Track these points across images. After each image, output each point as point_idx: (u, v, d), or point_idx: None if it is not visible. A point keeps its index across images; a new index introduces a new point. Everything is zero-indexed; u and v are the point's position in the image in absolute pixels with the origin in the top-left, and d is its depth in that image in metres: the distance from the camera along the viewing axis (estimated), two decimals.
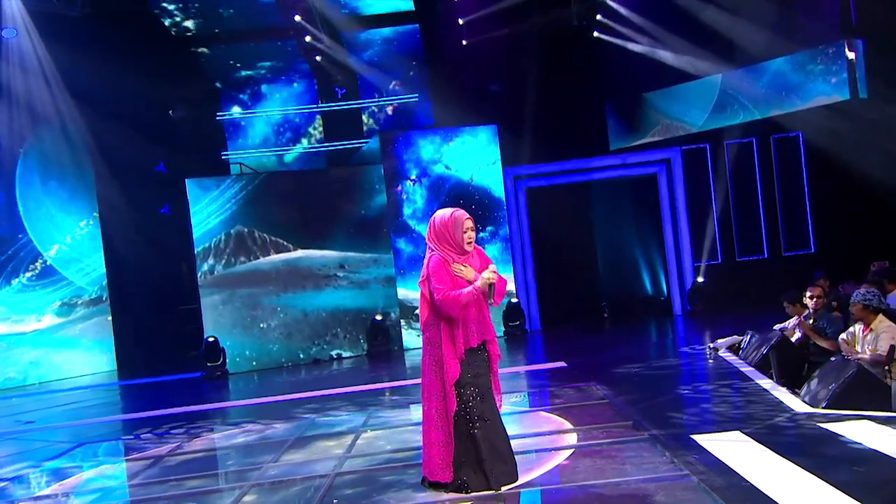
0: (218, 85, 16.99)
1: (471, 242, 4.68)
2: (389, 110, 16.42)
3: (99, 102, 14.46)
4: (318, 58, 16.07)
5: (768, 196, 14.71)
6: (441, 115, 15.74)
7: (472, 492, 4.58)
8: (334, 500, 4.82)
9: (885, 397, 5.75)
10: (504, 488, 4.63)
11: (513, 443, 5.70)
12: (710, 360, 8.79)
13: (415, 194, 13.69)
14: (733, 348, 9.23)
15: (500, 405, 4.94)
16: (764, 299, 11.02)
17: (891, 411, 5.57)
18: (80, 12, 14.22)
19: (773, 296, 8.38)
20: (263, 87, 17.01)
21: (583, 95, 15.32)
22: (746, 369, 7.78)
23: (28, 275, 14.97)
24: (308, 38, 15.60)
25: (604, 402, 6.91)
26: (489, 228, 13.67)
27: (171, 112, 16.86)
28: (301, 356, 13.07)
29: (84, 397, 12.11)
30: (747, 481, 4.25)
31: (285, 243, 13.16)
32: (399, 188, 13.66)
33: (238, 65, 16.75)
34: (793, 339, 8.04)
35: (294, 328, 13.04)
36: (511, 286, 13.63)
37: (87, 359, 15.45)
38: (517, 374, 9.46)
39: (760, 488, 4.11)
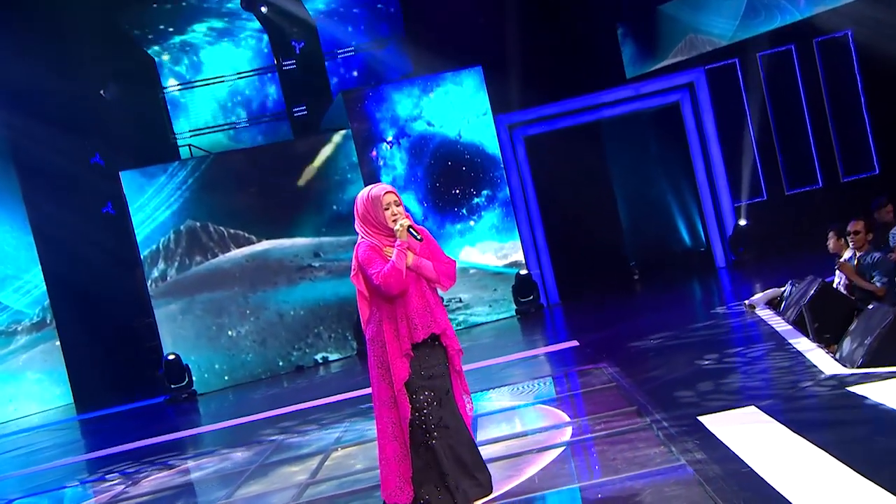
0: (152, 55, 17.10)
1: (396, 219, 4.76)
2: (355, 73, 16.44)
3: (9, 90, 14.62)
4: (263, 9, 16.10)
5: (817, 113, 14.60)
6: (417, 62, 15.77)
7: None
8: None
9: None
10: (477, 503, 4.76)
11: (498, 446, 5.92)
12: (749, 319, 8.87)
13: (393, 159, 13.79)
14: (774, 303, 9.29)
15: (470, 409, 5.07)
16: (823, 238, 11.04)
17: None
18: None
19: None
20: (204, 53, 17.08)
21: (586, 17, 15.24)
22: (783, 328, 7.85)
23: None
24: None
25: (610, 386, 7.05)
26: (485, 192, 13.75)
27: (101, 92, 16.98)
28: (280, 364, 13.31)
29: (32, 440, 12.44)
30: (748, 467, 4.35)
31: (246, 235, 13.34)
32: (374, 153, 13.76)
33: (171, 29, 16.82)
34: (836, 285, 8.11)
35: (269, 333, 13.25)
36: (519, 256, 13.74)
37: (36, 394, 15.83)
38: (518, 361, 9.62)
39: (760, 474, 4.21)
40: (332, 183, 13.71)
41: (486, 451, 5.81)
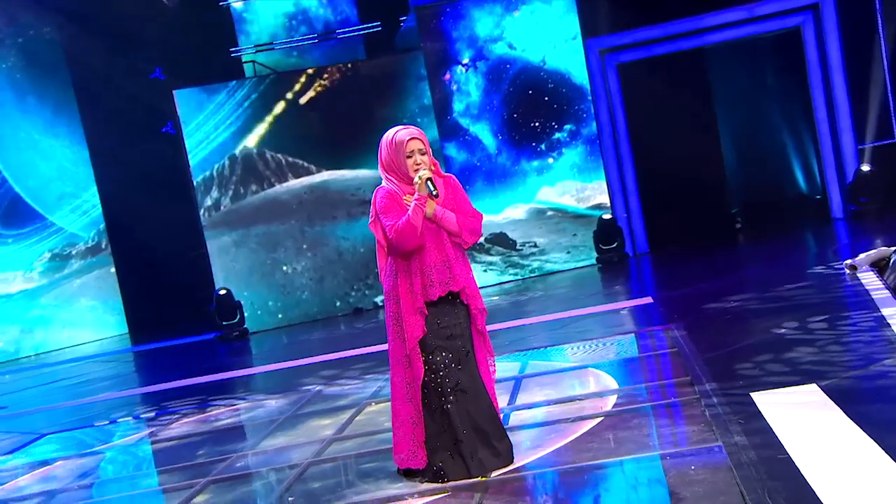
0: None
1: (418, 169, 4.88)
2: None
3: None
4: None
5: None
6: None
7: (450, 480, 4.91)
8: (290, 499, 5.27)
9: None
10: (494, 474, 4.94)
11: (534, 412, 6.07)
12: (849, 282, 8.76)
13: (468, 84, 13.81)
14: (881, 264, 9.11)
15: (493, 372, 5.22)
16: None
17: None
18: None
19: None
20: None
21: None
22: (881, 295, 7.73)
23: (6, 224, 16.10)
24: None
25: (671, 352, 7.11)
26: (568, 127, 13.66)
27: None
28: (338, 305, 13.66)
29: (81, 371, 13.18)
30: (786, 454, 4.40)
31: (306, 164, 13.63)
32: (447, 76, 13.81)
33: None
34: None
35: (326, 271, 13.60)
36: (603, 198, 13.68)
37: (91, 321, 16.65)
38: (584, 317, 9.71)
39: (797, 463, 4.25)
40: (404, 87, 13.77)
41: (519, 418, 6.03)
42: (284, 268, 13.53)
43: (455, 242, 5.01)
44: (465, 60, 13.83)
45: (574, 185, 13.70)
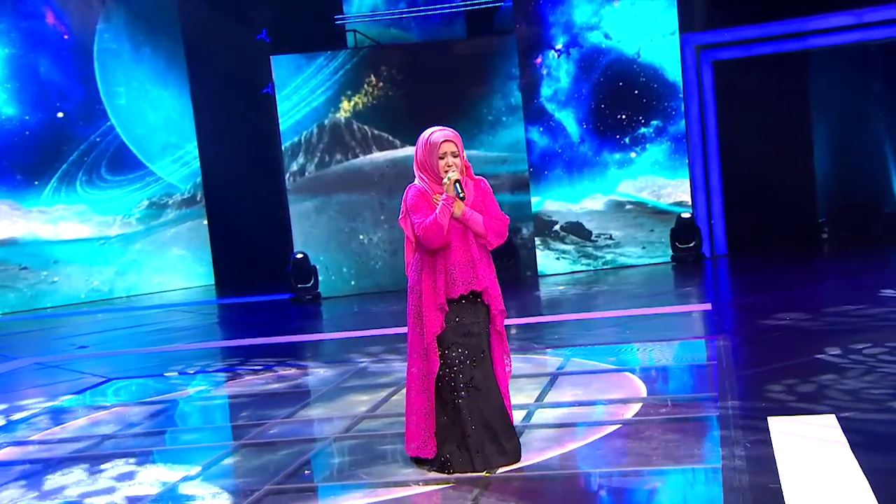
0: None
1: (448, 171, 5.04)
2: None
3: None
4: None
5: None
6: None
7: (455, 472, 5.11)
8: (305, 471, 5.56)
9: None
10: (500, 470, 5.11)
11: (558, 411, 6.22)
12: None
13: (558, 70, 13.83)
14: None
15: (509, 371, 5.39)
16: None
17: None
18: None
19: None
20: None
21: None
22: None
23: (110, 170, 16.80)
24: None
25: (709, 364, 7.14)
26: (655, 123, 13.56)
27: None
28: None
29: (163, 318, 13.79)
30: (778, 484, 4.46)
31: (390, 138, 13.86)
32: (539, 60, 13.84)
33: None
34: None
35: (400, 244, 13.62)
36: (684, 196, 13.58)
37: (181, 270, 17.35)
38: (639, 317, 9.74)
39: (785, 495, 4.31)
40: (494, 69, 13.80)
41: (541, 416, 6.18)
42: (361, 237, 13.83)
43: (481, 244, 5.19)
44: (559, 46, 13.83)
45: (655, 181, 13.63)
